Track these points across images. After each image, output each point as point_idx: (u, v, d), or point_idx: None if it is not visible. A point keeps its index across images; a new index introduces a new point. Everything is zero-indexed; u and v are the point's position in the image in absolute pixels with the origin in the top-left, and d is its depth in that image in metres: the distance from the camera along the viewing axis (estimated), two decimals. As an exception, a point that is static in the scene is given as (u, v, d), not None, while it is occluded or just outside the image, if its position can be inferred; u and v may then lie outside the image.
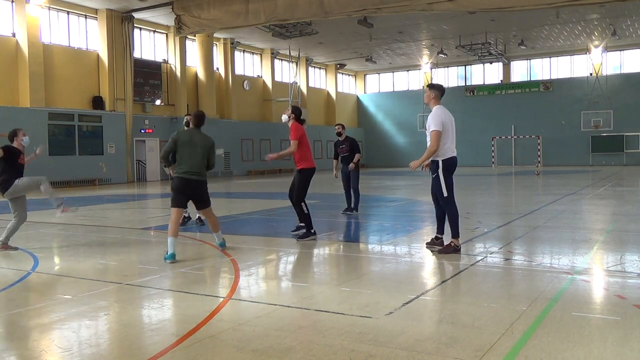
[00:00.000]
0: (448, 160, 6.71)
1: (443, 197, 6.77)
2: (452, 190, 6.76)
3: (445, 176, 6.71)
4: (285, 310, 4.52)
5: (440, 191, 6.76)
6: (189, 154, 6.84)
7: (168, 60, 29.91)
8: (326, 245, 7.89)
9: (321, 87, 43.43)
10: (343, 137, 11.55)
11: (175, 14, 22.76)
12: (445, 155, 6.69)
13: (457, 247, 6.78)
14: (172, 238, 6.61)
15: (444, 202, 6.82)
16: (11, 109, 22.20)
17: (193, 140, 6.90)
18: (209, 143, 7.02)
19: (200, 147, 6.89)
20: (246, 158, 34.23)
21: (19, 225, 7.65)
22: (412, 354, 3.47)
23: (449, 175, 6.74)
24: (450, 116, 6.91)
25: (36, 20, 22.98)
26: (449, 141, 6.72)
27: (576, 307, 4.43)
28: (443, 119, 6.69)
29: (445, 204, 6.82)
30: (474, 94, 42.09)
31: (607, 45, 35.97)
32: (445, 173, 6.70)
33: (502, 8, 16.86)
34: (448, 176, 6.73)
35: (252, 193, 18.89)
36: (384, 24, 29.02)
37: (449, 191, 6.72)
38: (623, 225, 9.20)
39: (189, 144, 6.85)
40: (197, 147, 6.87)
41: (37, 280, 5.88)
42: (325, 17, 19.47)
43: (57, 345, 3.84)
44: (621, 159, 37.29)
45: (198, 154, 6.87)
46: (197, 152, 6.87)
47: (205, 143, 6.97)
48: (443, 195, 6.75)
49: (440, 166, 6.70)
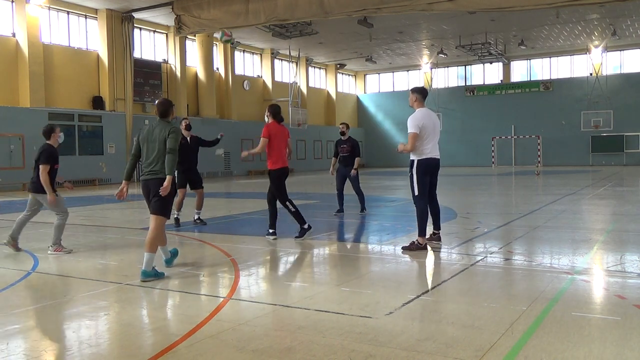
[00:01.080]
0: (424, 161, 6.95)
1: (414, 195, 7.06)
2: (424, 189, 7.01)
3: (419, 175, 6.96)
4: (285, 310, 4.52)
5: (412, 188, 7.05)
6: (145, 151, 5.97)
7: (168, 60, 29.91)
8: (326, 245, 7.89)
9: (321, 87, 43.41)
10: (346, 136, 11.49)
11: (175, 14, 22.77)
12: (421, 156, 6.94)
13: (420, 244, 6.94)
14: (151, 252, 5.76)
15: (414, 199, 7.09)
16: (11, 109, 22.20)
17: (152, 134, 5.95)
18: (165, 133, 5.85)
19: (159, 140, 5.86)
20: (246, 158, 34.18)
21: (64, 222, 7.41)
22: (412, 354, 3.47)
23: (423, 175, 6.97)
24: (435, 119, 7.13)
25: (36, 20, 22.97)
26: (428, 143, 6.94)
27: (576, 307, 4.43)
28: (424, 121, 6.89)
29: (415, 201, 7.09)
30: (474, 94, 42.08)
31: (607, 45, 35.97)
32: (419, 173, 6.95)
33: (502, 8, 16.87)
34: (422, 176, 6.97)
35: (252, 193, 18.89)
36: (384, 24, 29.02)
37: (420, 190, 6.98)
38: (623, 225, 9.20)
39: (146, 140, 5.97)
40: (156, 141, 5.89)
41: (37, 280, 5.88)
42: (325, 17, 19.47)
43: (57, 345, 3.84)
44: (621, 159, 37.28)
45: (155, 149, 5.87)
46: (155, 147, 5.88)
47: (163, 135, 5.86)
48: (414, 193, 7.03)
49: (415, 165, 6.96)
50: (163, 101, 6.23)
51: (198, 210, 10.14)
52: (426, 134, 6.88)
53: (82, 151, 24.81)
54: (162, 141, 5.86)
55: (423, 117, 6.93)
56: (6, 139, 21.89)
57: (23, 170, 22.34)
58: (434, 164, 7.05)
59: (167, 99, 6.62)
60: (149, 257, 5.69)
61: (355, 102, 47.30)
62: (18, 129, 22.17)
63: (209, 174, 30.95)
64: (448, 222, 9.83)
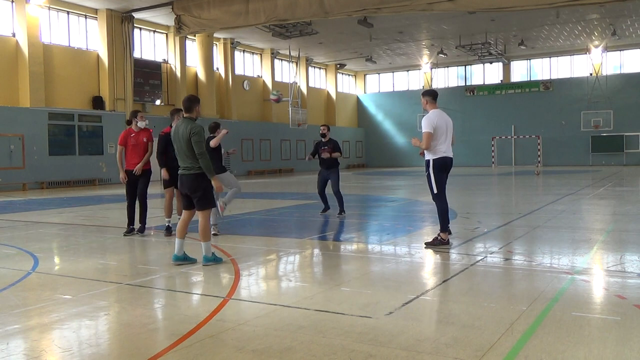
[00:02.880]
0: (439, 160, 7.19)
1: (433, 193, 7.32)
2: (442, 187, 7.26)
3: (436, 174, 7.20)
4: (285, 310, 4.52)
5: (430, 187, 7.31)
6: (176, 149, 6.31)
7: (168, 60, 29.91)
8: (326, 245, 7.88)
9: (321, 87, 43.42)
10: (327, 138, 11.12)
11: (175, 14, 22.75)
12: (436, 155, 7.18)
13: (443, 240, 7.18)
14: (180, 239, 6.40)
15: (433, 197, 7.35)
16: (11, 109, 22.20)
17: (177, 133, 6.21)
18: (187, 133, 6.09)
19: (183, 140, 6.12)
20: (246, 158, 34.22)
21: (235, 194, 8.84)
22: (412, 354, 3.47)
23: (439, 173, 7.22)
24: (447, 119, 7.36)
25: (36, 20, 22.98)
26: (442, 142, 7.19)
27: (576, 307, 4.43)
28: (437, 122, 7.15)
29: (435, 200, 7.35)
30: (474, 94, 42.09)
31: (607, 45, 35.97)
32: (435, 171, 7.19)
33: (502, 8, 16.86)
34: (439, 174, 7.21)
35: (252, 193, 18.88)
36: (384, 24, 29.02)
37: (438, 188, 7.22)
38: (623, 225, 9.20)
39: (174, 139, 6.27)
40: (181, 140, 6.15)
41: (37, 280, 5.88)
42: (325, 17, 19.46)
43: (57, 345, 3.84)
44: (621, 159, 37.29)
45: (182, 148, 6.15)
46: (181, 146, 6.16)
47: (185, 134, 6.10)
48: (433, 191, 7.29)
49: (431, 165, 7.20)
50: (189, 97, 6.36)
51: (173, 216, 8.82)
52: (440, 133, 7.15)
53: (82, 151, 24.81)
54: (186, 140, 6.06)
55: (436, 117, 7.19)
56: (6, 139, 21.88)
57: (23, 170, 22.35)
58: (449, 162, 7.29)
59: (193, 95, 6.63)
60: (205, 245, 6.24)
61: (355, 102, 47.31)
62: (18, 129, 22.17)
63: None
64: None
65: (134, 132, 8.92)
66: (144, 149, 8.94)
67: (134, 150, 8.88)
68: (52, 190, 21.60)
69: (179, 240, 6.41)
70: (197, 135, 6.05)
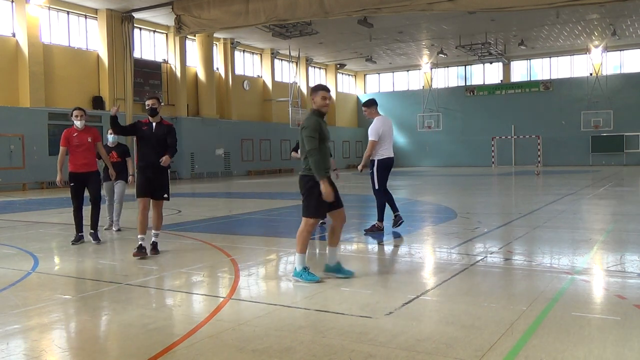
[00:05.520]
0: (383, 160, 8.34)
1: (374, 189, 8.45)
2: (383, 184, 8.39)
3: (379, 173, 8.34)
4: (285, 310, 4.52)
5: (373, 184, 8.44)
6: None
7: (168, 60, 29.91)
8: (326, 246, 7.87)
9: (321, 87, 43.39)
10: None
11: (175, 14, 22.77)
12: (381, 156, 8.32)
13: (379, 227, 8.47)
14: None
15: (375, 192, 8.48)
16: (11, 109, 22.21)
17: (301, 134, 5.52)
18: (300, 127, 5.49)
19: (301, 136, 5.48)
20: (246, 158, 34.23)
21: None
22: (412, 354, 3.47)
23: (382, 172, 8.36)
24: (389, 123, 8.55)
25: (36, 20, 22.98)
26: (386, 145, 8.32)
27: (576, 307, 4.43)
28: (382, 129, 8.25)
29: (375, 194, 8.50)
30: (474, 94, 42.08)
31: (607, 45, 35.97)
32: (379, 170, 8.34)
33: (502, 8, 16.87)
34: (382, 173, 8.35)
35: (252, 193, 18.88)
36: (384, 24, 29.02)
37: (380, 185, 8.36)
38: (623, 225, 9.20)
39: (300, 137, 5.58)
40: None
41: (37, 280, 5.88)
42: (325, 17, 19.48)
43: (57, 345, 3.84)
44: (621, 159, 37.29)
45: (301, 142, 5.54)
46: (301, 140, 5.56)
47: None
48: (375, 187, 8.41)
49: (376, 165, 8.32)
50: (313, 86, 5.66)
51: (156, 230, 7.26)
52: (384, 138, 8.27)
53: (82, 151, 24.77)
54: (300, 135, 5.41)
55: (381, 125, 8.30)
56: (6, 139, 21.89)
57: (23, 170, 22.35)
58: (391, 162, 8.45)
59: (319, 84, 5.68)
60: (297, 257, 5.47)
61: (355, 102, 47.29)
62: (18, 129, 22.17)
63: (209, 174, 30.97)
64: (448, 222, 9.83)
65: (77, 132, 8.06)
66: (89, 149, 8.11)
67: (78, 150, 8.02)
68: (52, 190, 21.59)
69: (330, 248, 5.68)
70: (306, 129, 5.31)
